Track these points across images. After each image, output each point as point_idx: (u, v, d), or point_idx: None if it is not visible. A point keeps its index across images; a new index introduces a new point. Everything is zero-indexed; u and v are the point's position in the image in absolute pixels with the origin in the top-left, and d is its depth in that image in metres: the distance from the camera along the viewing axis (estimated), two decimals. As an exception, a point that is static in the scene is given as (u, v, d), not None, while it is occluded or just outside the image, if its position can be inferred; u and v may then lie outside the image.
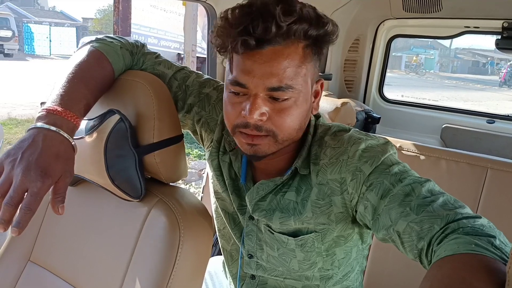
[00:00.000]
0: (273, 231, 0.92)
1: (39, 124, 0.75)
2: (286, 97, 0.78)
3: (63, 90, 0.82)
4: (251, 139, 0.80)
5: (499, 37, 2.07)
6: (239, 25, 0.74)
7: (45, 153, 0.72)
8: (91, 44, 0.94)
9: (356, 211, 0.83)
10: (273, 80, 0.76)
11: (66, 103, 0.80)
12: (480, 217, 0.66)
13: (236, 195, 0.96)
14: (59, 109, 0.78)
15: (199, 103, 1.00)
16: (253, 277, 1.03)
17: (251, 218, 0.95)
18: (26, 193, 0.69)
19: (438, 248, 0.62)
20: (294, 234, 0.91)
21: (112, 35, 1.00)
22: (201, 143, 1.07)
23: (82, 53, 0.91)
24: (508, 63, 18.45)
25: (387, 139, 0.86)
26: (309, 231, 0.89)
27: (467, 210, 0.68)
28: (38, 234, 1.07)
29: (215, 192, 1.03)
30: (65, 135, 0.76)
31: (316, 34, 0.77)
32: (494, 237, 0.60)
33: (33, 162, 0.70)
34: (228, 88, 0.81)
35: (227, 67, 0.83)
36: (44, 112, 0.78)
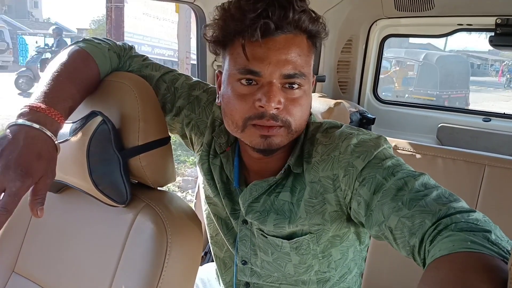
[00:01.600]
0: (266, 235, 0.89)
1: (20, 121, 0.72)
2: (299, 85, 0.77)
3: (48, 88, 0.79)
4: (267, 130, 0.77)
5: (493, 34, 2.06)
6: (254, 10, 0.72)
7: (26, 152, 0.69)
8: (78, 45, 0.91)
9: (350, 208, 0.80)
10: (289, 67, 0.75)
11: (51, 100, 0.77)
12: (474, 211, 0.63)
13: (228, 199, 0.93)
14: (43, 106, 0.75)
15: (188, 105, 0.98)
16: (247, 284, 0.99)
17: (245, 222, 0.92)
18: (3, 193, 0.65)
19: (432, 247, 0.59)
20: (289, 236, 0.88)
21: (99, 37, 0.97)
22: (190, 147, 1.04)
23: (69, 53, 0.88)
24: (503, 64, 18.49)
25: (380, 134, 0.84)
26: (303, 233, 0.86)
27: (462, 204, 0.65)
28: (23, 244, 1.03)
29: (207, 197, 0.99)
30: (49, 133, 0.73)
31: (314, 29, 0.78)
32: (489, 231, 0.57)
33: (13, 161, 0.67)
34: (236, 78, 0.78)
35: (227, 62, 0.80)
36: (26, 109, 0.74)
